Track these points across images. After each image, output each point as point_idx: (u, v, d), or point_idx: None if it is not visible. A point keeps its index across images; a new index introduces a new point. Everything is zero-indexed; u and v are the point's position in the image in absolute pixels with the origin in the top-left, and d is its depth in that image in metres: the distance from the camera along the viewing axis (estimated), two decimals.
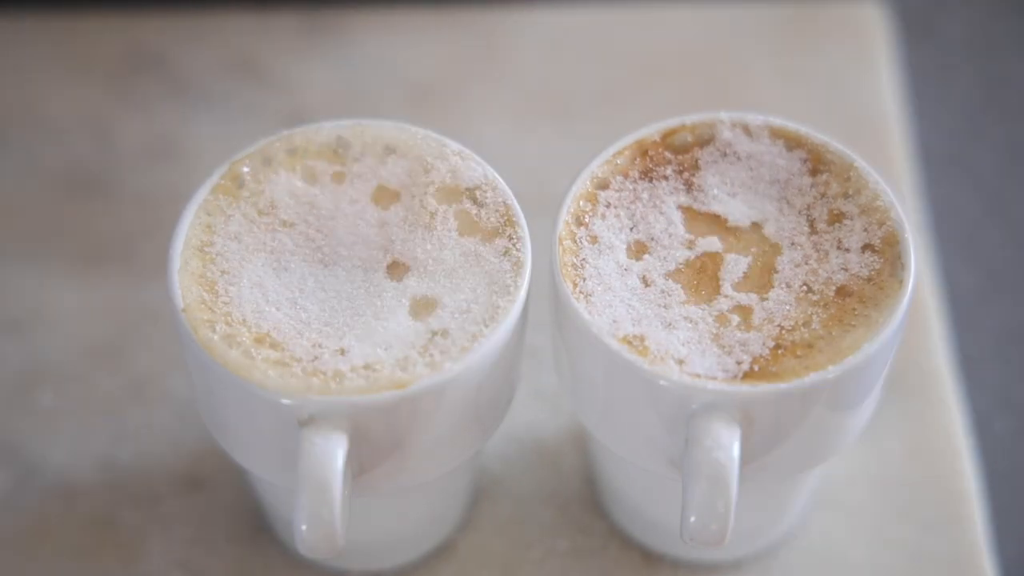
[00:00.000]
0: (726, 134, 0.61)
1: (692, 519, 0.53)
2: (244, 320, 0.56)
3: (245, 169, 0.60)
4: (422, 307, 0.57)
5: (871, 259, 0.58)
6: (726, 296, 0.57)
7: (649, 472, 0.58)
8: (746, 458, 0.55)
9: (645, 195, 0.60)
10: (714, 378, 0.55)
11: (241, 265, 0.57)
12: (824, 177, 0.60)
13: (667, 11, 0.85)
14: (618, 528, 0.66)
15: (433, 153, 0.60)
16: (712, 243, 0.58)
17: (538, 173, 0.75)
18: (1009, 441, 0.74)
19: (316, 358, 0.55)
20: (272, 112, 0.80)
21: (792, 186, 0.60)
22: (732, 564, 0.65)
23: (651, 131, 0.61)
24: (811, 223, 0.59)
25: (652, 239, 0.59)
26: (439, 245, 0.58)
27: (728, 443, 0.53)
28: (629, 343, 0.55)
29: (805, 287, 0.57)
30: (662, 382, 0.54)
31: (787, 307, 0.57)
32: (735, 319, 0.56)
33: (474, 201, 0.59)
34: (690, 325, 0.56)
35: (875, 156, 0.65)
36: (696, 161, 0.61)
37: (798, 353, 0.55)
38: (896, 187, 0.72)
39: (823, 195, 0.60)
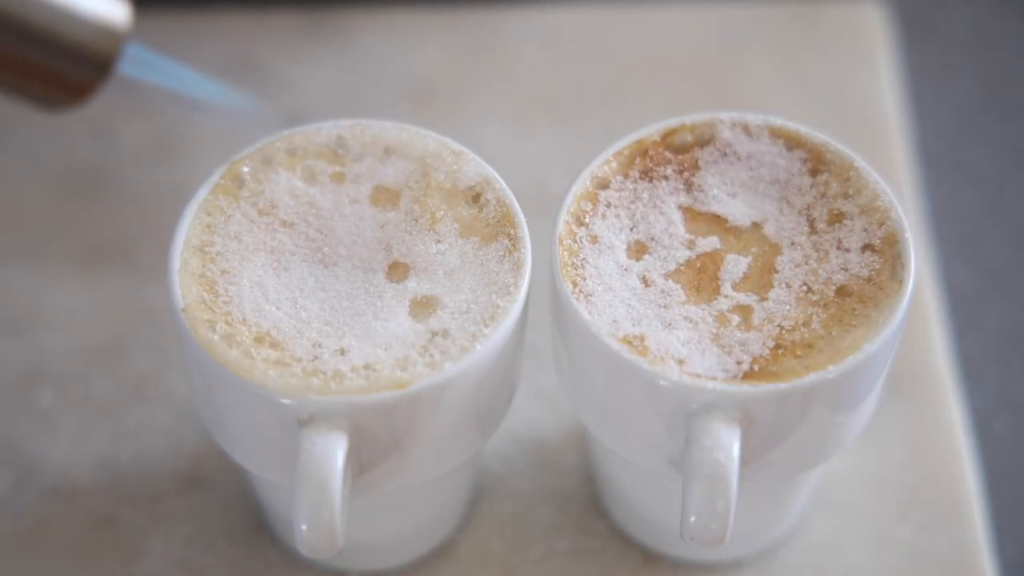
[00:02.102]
0: (726, 134, 0.61)
1: (692, 519, 0.53)
2: (244, 320, 0.56)
3: (245, 169, 0.60)
4: (422, 307, 0.57)
5: (871, 259, 0.58)
6: (726, 296, 0.57)
7: (649, 472, 0.58)
8: (746, 458, 0.55)
9: (645, 195, 0.60)
10: (714, 378, 0.55)
11: (241, 265, 0.57)
12: (824, 177, 0.60)
13: (667, 11, 0.85)
14: (618, 528, 0.66)
15: (433, 153, 0.60)
16: (712, 243, 0.58)
17: (538, 173, 0.75)
18: (1009, 441, 0.74)
19: (316, 358, 0.55)
20: (272, 112, 0.80)
21: (792, 186, 0.60)
22: (732, 564, 0.65)
23: (651, 131, 0.61)
24: (811, 223, 0.59)
25: (652, 239, 0.59)
26: (439, 245, 0.58)
27: (728, 443, 0.53)
28: (629, 343, 0.55)
29: (805, 287, 0.57)
30: (662, 382, 0.54)
31: (787, 307, 0.57)
32: (735, 319, 0.56)
33: (474, 201, 0.59)
34: (690, 325, 0.56)
35: (875, 156, 0.65)
36: (696, 161, 0.61)
37: (798, 353, 0.55)
38: (896, 187, 0.72)
39: (823, 195, 0.60)
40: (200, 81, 0.60)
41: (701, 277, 0.58)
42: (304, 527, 0.52)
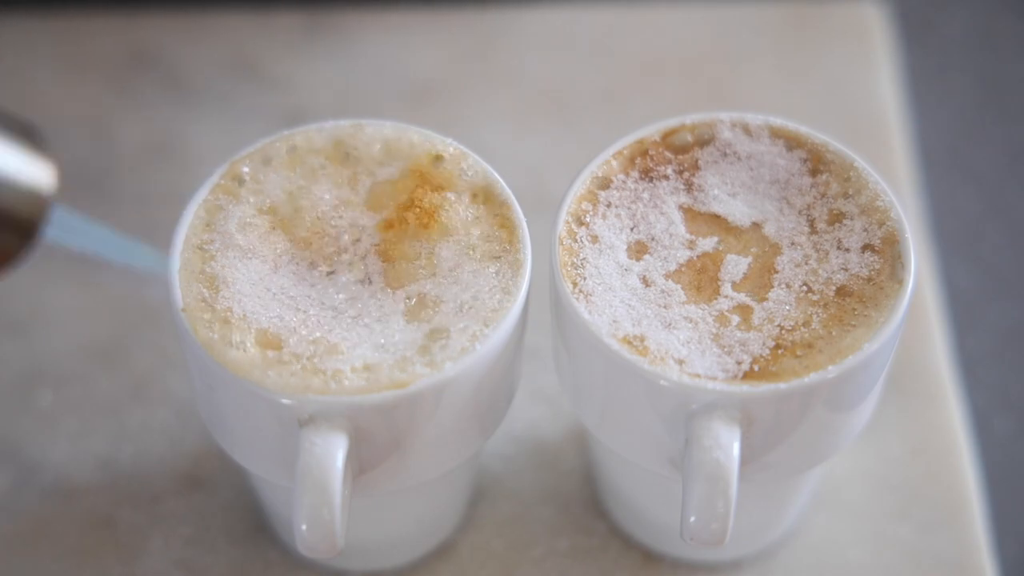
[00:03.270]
0: (726, 134, 0.61)
1: (692, 519, 0.53)
2: (244, 319, 0.56)
3: (245, 169, 0.60)
4: (422, 307, 0.57)
5: (871, 259, 0.58)
6: (726, 296, 0.57)
7: (649, 472, 0.58)
8: (746, 458, 0.55)
9: (645, 195, 0.60)
10: (714, 378, 0.55)
11: (241, 265, 0.57)
12: (824, 177, 0.60)
13: (667, 11, 0.85)
14: (618, 528, 0.66)
15: (433, 153, 0.60)
16: (712, 243, 0.58)
17: (538, 173, 0.75)
18: (1009, 441, 0.74)
19: (316, 358, 0.55)
20: (272, 112, 0.80)
21: (792, 186, 0.60)
22: (732, 564, 0.65)
23: (651, 131, 0.61)
24: (811, 223, 0.59)
25: (652, 239, 0.59)
26: (439, 245, 0.58)
27: (728, 443, 0.53)
28: (629, 343, 0.55)
29: (805, 287, 0.57)
30: (662, 382, 0.54)
31: (787, 307, 0.57)
32: (735, 319, 0.56)
33: (474, 201, 0.59)
34: (690, 325, 0.56)
35: (875, 156, 0.65)
36: (696, 161, 0.61)
37: (798, 353, 0.55)
38: (896, 187, 0.72)
39: (823, 195, 0.60)
40: (124, 244, 0.59)
41: (701, 277, 0.58)
42: (304, 527, 0.52)
